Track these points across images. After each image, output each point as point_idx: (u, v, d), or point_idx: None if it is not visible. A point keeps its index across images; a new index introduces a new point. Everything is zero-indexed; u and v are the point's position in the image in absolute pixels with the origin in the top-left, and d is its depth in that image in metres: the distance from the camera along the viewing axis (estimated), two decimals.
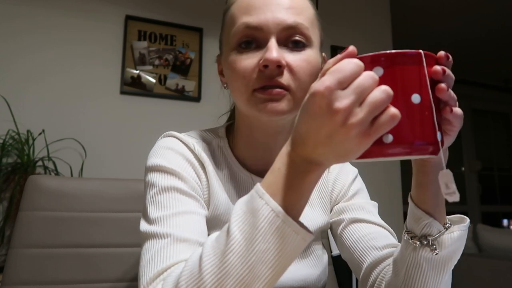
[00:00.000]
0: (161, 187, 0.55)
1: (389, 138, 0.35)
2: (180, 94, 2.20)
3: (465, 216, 0.52)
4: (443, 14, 3.46)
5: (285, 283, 0.62)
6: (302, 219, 0.42)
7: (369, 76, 0.35)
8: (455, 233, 0.49)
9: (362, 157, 0.37)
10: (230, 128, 0.70)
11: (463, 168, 4.78)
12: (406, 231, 0.52)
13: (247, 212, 0.40)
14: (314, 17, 0.60)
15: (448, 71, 0.38)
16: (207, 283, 0.39)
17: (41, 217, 0.80)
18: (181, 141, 0.62)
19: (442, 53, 0.39)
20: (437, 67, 0.37)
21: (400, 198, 2.66)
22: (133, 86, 2.11)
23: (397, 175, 2.68)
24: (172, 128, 2.09)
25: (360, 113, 0.34)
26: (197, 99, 2.22)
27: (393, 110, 0.34)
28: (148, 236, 0.51)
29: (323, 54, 0.62)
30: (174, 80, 2.20)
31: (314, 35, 0.59)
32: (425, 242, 0.49)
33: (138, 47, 2.15)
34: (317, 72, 0.58)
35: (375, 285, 0.60)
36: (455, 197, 0.37)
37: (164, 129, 2.08)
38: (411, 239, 0.51)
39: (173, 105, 2.18)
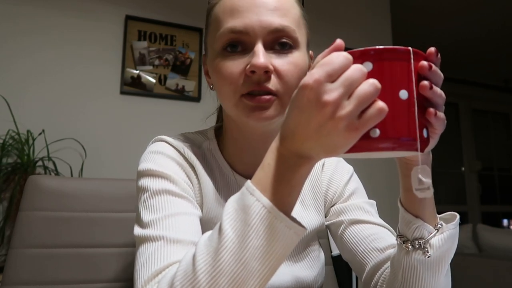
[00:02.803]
0: (152, 190, 0.55)
1: (376, 132, 0.36)
2: (180, 94, 2.20)
3: (455, 213, 0.52)
4: (443, 14, 3.46)
5: (281, 285, 0.62)
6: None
7: (358, 69, 0.35)
8: (445, 233, 0.49)
9: (350, 151, 0.37)
10: (219, 129, 0.69)
11: (463, 168, 4.78)
12: (398, 235, 0.53)
13: (239, 209, 0.40)
14: (300, 17, 0.59)
15: (435, 68, 0.38)
16: (202, 282, 0.39)
17: (41, 217, 0.80)
18: (170, 145, 0.62)
19: (432, 49, 0.39)
20: (424, 62, 0.37)
21: None
22: (133, 86, 2.11)
23: (397, 174, 2.68)
24: (172, 129, 2.09)
25: (348, 106, 0.34)
26: (197, 99, 2.22)
27: (380, 103, 0.34)
28: (142, 240, 0.50)
29: (310, 52, 0.62)
30: (174, 80, 2.20)
31: (301, 35, 0.58)
32: (417, 246, 0.49)
33: (138, 47, 2.15)
34: (304, 74, 0.57)
35: (378, 286, 0.60)
36: (427, 193, 0.37)
37: (164, 129, 2.09)
38: (404, 243, 0.51)
39: (173, 105, 2.18)
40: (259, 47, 0.53)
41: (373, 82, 0.34)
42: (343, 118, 0.34)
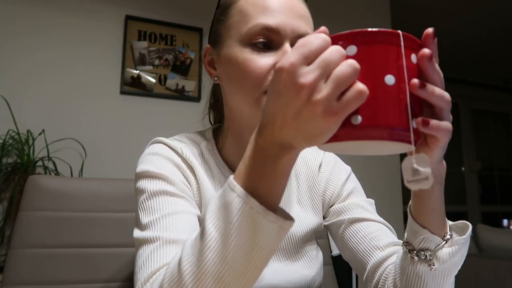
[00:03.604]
0: (150, 192, 0.55)
1: (358, 119, 0.33)
2: (180, 94, 2.20)
3: (468, 223, 0.49)
4: (443, 14, 3.46)
5: (280, 285, 0.62)
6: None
7: (336, 50, 0.33)
8: (454, 248, 0.47)
9: (331, 140, 0.34)
10: (217, 130, 0.69)
11: (463, 168, 4.78)
12: (404, 242, 0.51)
13: (221, 206, 0.38)
14: (313, 28, 0.61)
15: (436, 65, 0.35)
16: (187, 283, 0.38)
17: (41, 217, 0.80)
18: (168, 146, 0.62)
19: (429, 30, 0.36)
20: (425, 50, 0.34)
21: (400, 197, 2.66)
22: (133, 86, 2.11)
23: (397, 174, 2.68)
24: (172, 129, 2.09)
25: (325, 89, 0.32)
26: (197, 99, 2.22)
27: (360, 85, 0.32)
28: (141, 242, 0.51)
29: None
30: (174, 80, 2.20)
31: None
32: (423, 257, 0.48)
33: (138, 47, 2.15)
34: None
35: (379, 285, 0.60)
36: (424, 184, 0.34)
37: (164, 129, 2.09)
38: (409, 252, 0.50)
39: (173, 105, 2.18)
40: (288, 47, 0.55)
41: (351, 63, 0.32)
42: (320, 101, 0.32)
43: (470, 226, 0.49)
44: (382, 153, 0.39)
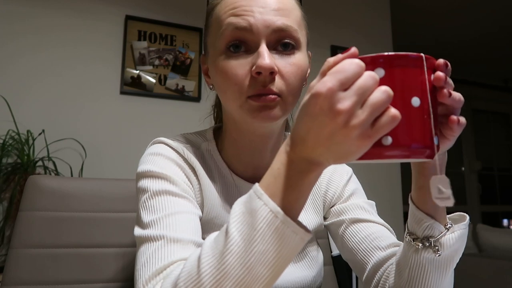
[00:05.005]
0: (152, 191, 0.55)
1: (388, 140, 0.36)
2: (180, 94, 2.20)
3: (465, 214, 0.52)
4: (443, 14, 3.46)
5: (281, 286, 0.62)
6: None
7: (370, 76, 0.35)
8: (456, 233, 0.50)
9: (361, 158, 0.37)
10: (218, 130, 0.69)
11: (463, 168, 4.78)
12: (408, 232, 0.53)
13: (246, 212, 0.40)
14: (301, 18, 0.59)
15: (449, 79, 0.39)
16: (206, 284, 0.39)
17: (41, 217, 0.80)
18: (170, 146, 0.62)
19: (441, 61, 0.39)
20: (440, 73, 0.38)
21: (400, 198, 2.67)
22: (133, 86, 2.11)
23: (397, 175, 2.68)
24: (172, 129, 2.09)
25: (361, 115, 0.34)
26: (197, 99, 2.22)
27: (393, 111, 0.34)
28: (142, 240, 0.51)
29: (309, 52, 0.62)
30: (174, 80, 2.20)
31: (302, 36, 0.58)
32: (428, 244, 0.50)
33: (138, 47, 2.15)
34: (305, 74, 0.58)
35: (379, 285, 0.60)
36: (448, 202, 0.37)
37: (164, 129, 2.09)
38: (413, 241, 0.51)
39: (173, 105, 2.19)
40: (264, 48, 0.53)
41: (385, 90, 0.34)
42: (356, 126, 0.34)
43: (467, 216, 0.52)
44: (400, 161, 0.42)
